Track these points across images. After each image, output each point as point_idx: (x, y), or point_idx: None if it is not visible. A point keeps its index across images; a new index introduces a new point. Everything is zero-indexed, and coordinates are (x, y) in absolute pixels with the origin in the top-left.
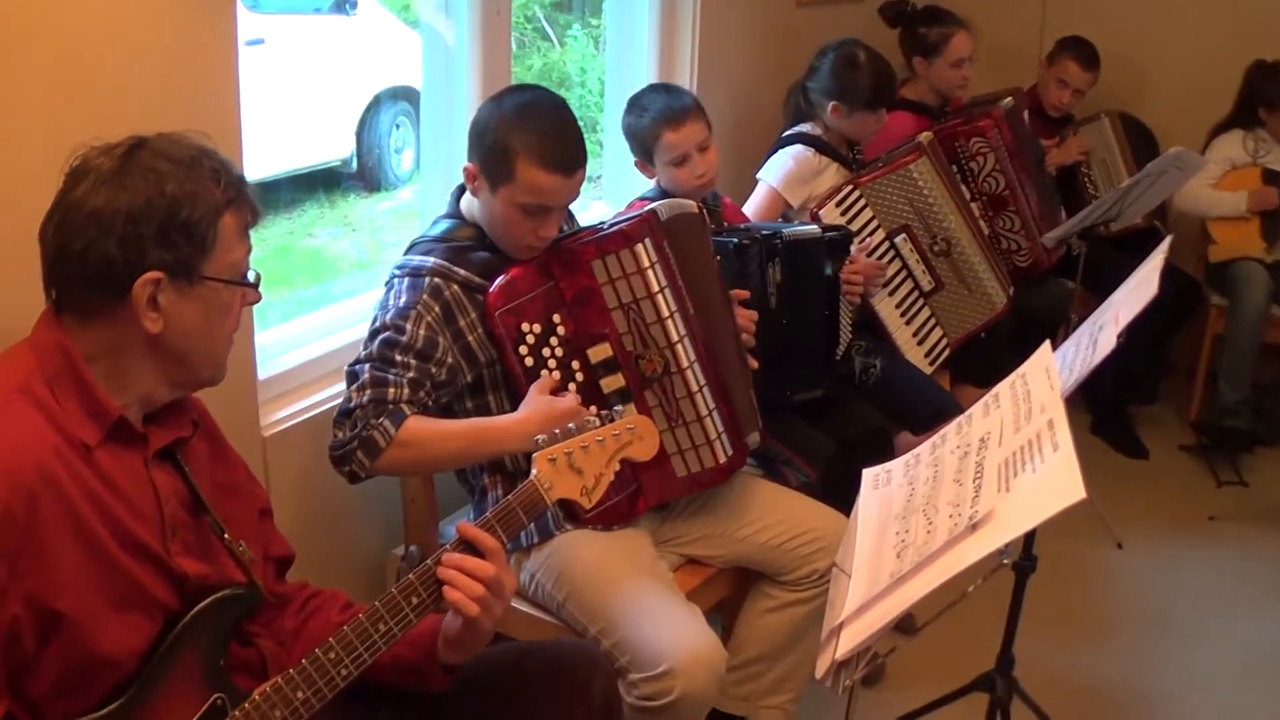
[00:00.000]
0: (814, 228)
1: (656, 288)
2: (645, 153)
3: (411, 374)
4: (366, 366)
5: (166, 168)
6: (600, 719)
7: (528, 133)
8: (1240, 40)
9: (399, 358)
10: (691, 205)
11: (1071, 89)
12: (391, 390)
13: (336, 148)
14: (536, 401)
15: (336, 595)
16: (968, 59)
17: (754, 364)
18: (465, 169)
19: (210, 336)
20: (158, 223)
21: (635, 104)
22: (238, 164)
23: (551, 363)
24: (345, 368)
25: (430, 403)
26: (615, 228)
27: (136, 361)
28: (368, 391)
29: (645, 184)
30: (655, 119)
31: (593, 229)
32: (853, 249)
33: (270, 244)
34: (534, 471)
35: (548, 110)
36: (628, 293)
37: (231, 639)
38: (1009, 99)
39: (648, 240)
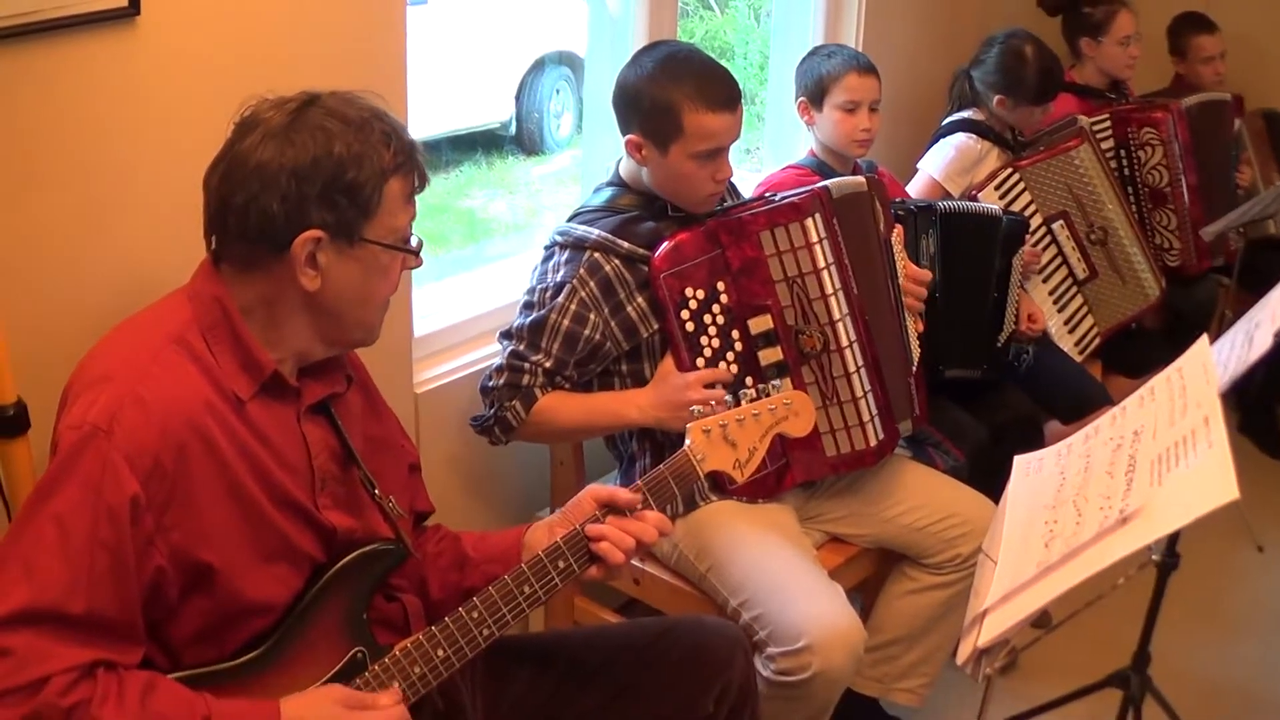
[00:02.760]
0: (993, 208)
1: (823, 263)
2: (819, 92)
3: (549, 363)
4: (509, 348)
5: (336, 127)
6: (737, 698)
7: (682, 82)
8: None
9: (543, 342)
10: (862, 183)
11: (1215, 58)
12: (526, 378)
13: (497, 110)
14: (663, 378)
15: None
16: (1134, 36)
17: (919, 325)
18: (628, 142)
19: (366, 298)
20: (323, 182)
21: (817, 51)
22: (407, 127)
23: (712, 330)
24: (497, 334)
25: (569, 384)
26: (786, 200)
27: (292, 317)
28: (505, 375)
29: (801, 155)
30: (843, 61)
31: (762, 199)
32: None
33: (427, 203)
34: (688, 442)
35: (689, 55)
36: (794, 266)
37: (376, 593)
38: (1225, 94)
39: (818, 215)
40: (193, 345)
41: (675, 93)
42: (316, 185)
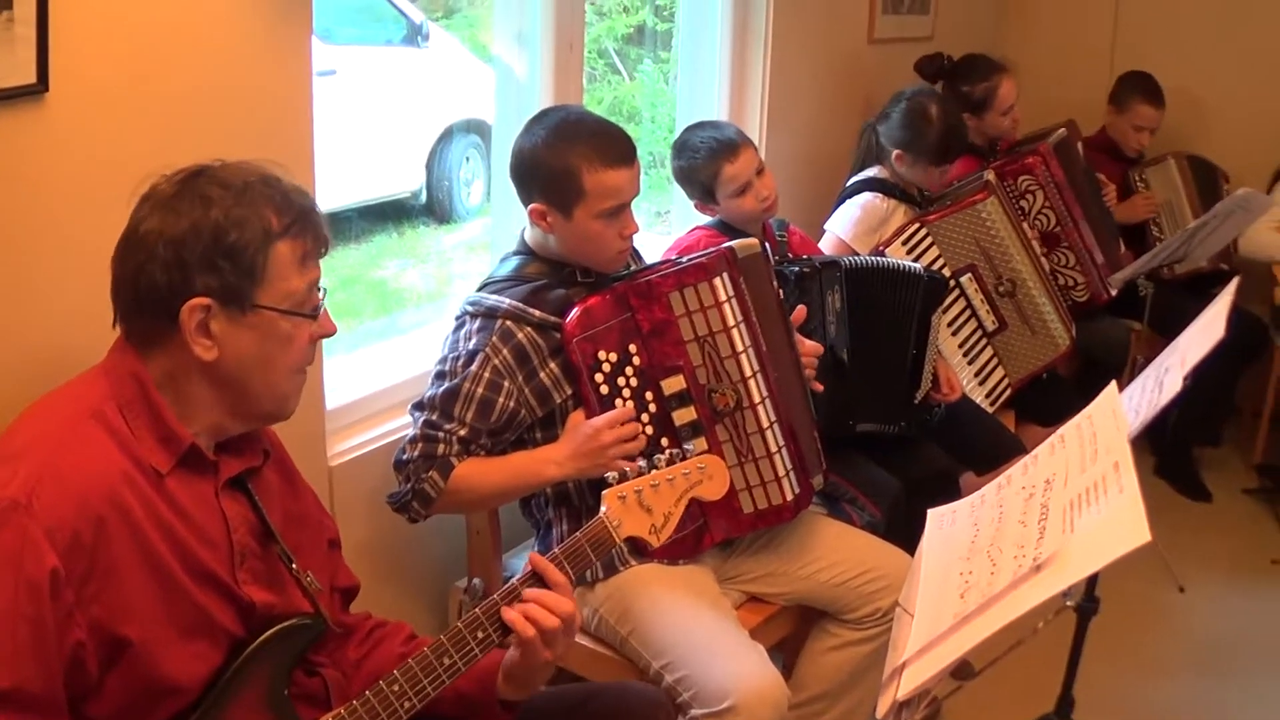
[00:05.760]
0: (914, 265)
1: (732, 321)
2: (706, 192)
3: (464, 431)
4: (421, 419)
5: (217, 193)
6: None
7: (577, 145)
8: None
9: (457, 411)
10: (757, 245)
11: (1148, 130)
12: (441, 447)
13: (406, 180)
14: (573, 430)
15: (401, 627)
16: (1015, 102)
17: (817, 387)
18: (532, 211)
19: (269, 368)
20: (203, 247)
21: (683, 147)
22: (309, 192)
23: (626, 392)
24: (409, 407)
25: (484, 453)
26: (693, 261)
27: (198, 391)
28: (419, 446)
29: (710, 216)
30: (709, 155)
31: (669, 262)
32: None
33: (339, 275)
34: (603, 509)
35: (580, 117)
36: (704, 326)
37: (296, 668)
38: (1060, 130)
39: (725, 274)
40: (110, 419)
41: (572, 156)
42: (197, 251)
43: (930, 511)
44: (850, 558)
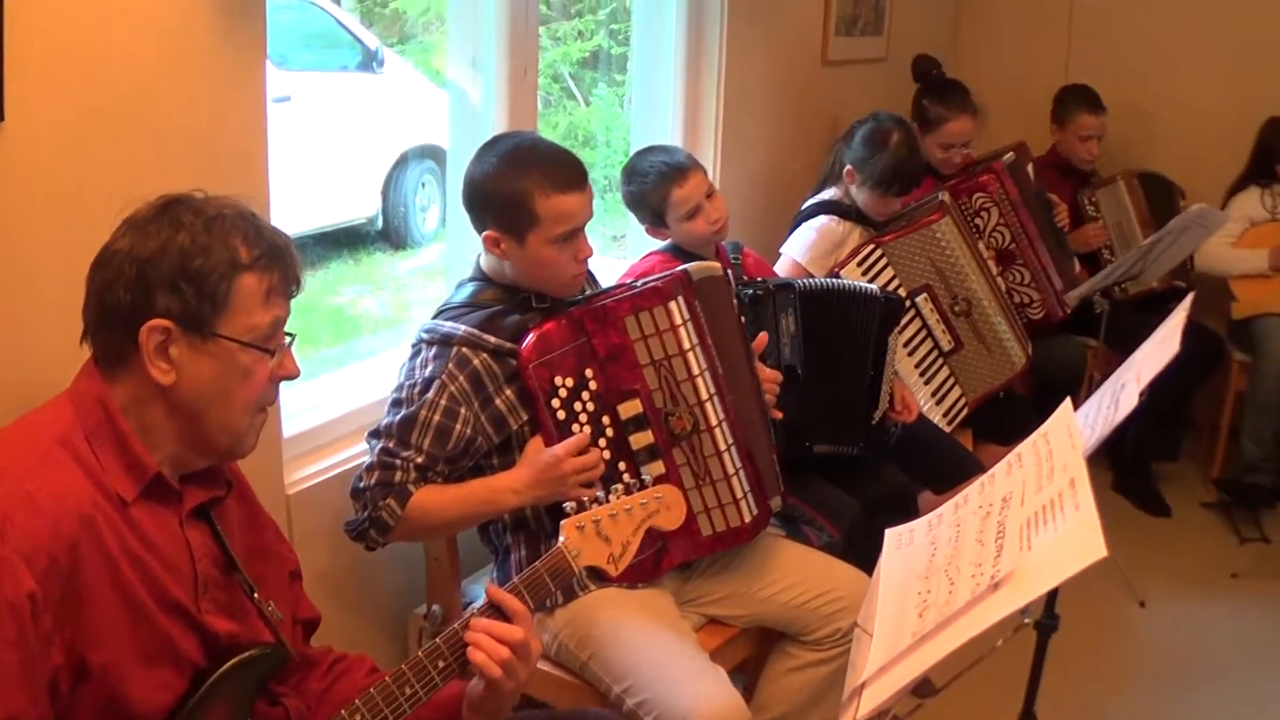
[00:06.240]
0: (870, 287)
1: (688, 345)
2: (657, 216)
3: (421, 459)
4: (378, 446)
5: (189, 219)
6: None
7: (528, 171)
8: (1257, 95)
9: (414, 438)
10: (718, 268)
11: (1094, 138)
12: (398, 475)
13: (362, 206)
14: (532, 458)
15: (363, 659)
16: (959, 146)
17: (776, 415)
18: (485, 238)
19: (226, 400)
20: (168, 269)
21: (632, 173)
22: (287, 234)
23: (583, 417)
24: (366, 435)
25: (441, 479)
26: (648, 285)
27: (159, 419)
28: (376, 474)
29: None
30: (659, 180)
31: (625, 286)
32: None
33: (295, 302)
34: (562, 538)
35: (532, 144)
36: (659, 349)
37: (258, 698)
38: (1010, 154)
39: (680, 298)
40: (76, 447)
41: (524, 182)
42: (161, 272)
43: (888, 531)
44: (809, 579)
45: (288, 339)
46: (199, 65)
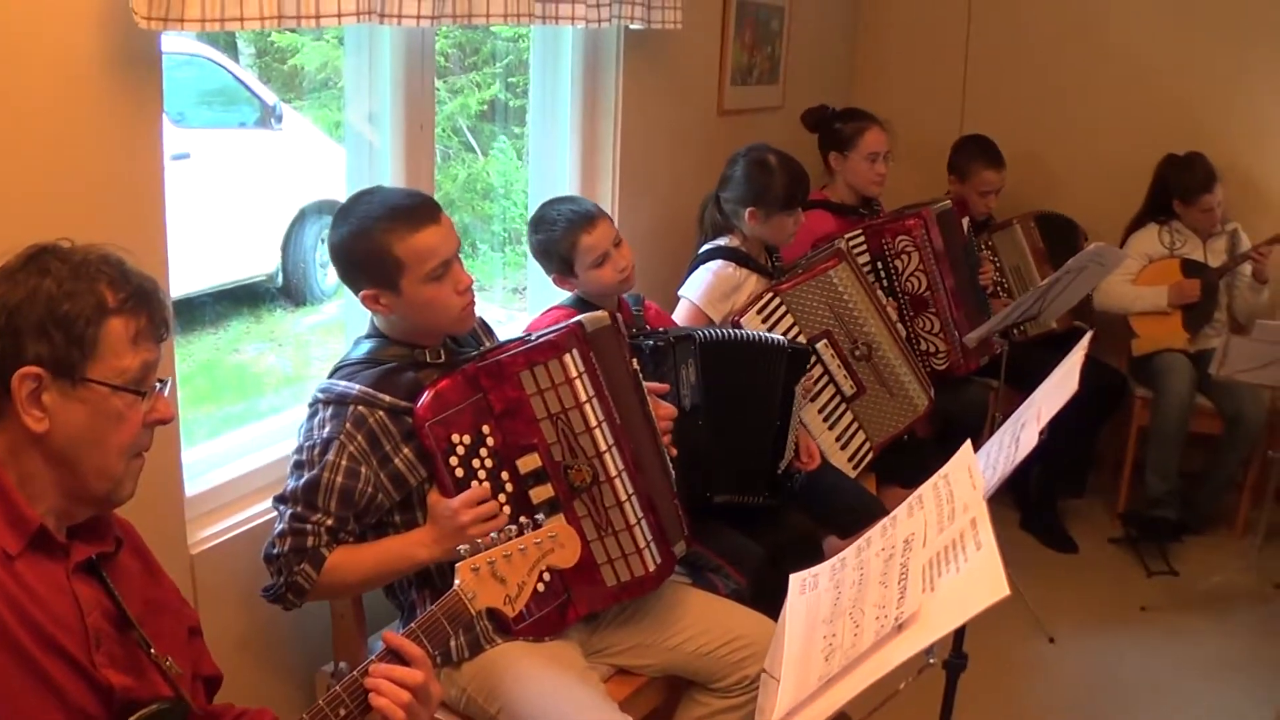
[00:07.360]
0: (776, 337)
1: (584, 397)
2: (565, 264)
3: (331, 521)
4: (287, 512)
5: (55, 266)
6: None
7: (378, 220)
8: (1152, 133)
9: (320, 501)
10: (606, 317)
11: (993, 193)
12: (311, 539)
13: (262, 263)
14: (435, 513)
15: (264, 713)
16: (882, 155)
17: (672, 451)
18: (364, 298)
19: (100, 446)
20: (36, 317)
21: (540, 221)
22: (156, 277)
23: (481, 474)
24: (272, 499)
25: (351, 538)
26: (543, 338)
27: (37, 467)
28: (288, 540)
29: (565, 294)
30: (567, 227)
31: (519, 340)
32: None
33: (196, 360)
34: (457, 581)
35: (373, 194)
36: (556, 403)
37: None
38: (945, 202)
39: (575, 350)
40: None
41: (378, 234)
42: (30, 319)
43: (792, 576)
44: (716, 627)
45: (159, 384)
46: (96, 122)
